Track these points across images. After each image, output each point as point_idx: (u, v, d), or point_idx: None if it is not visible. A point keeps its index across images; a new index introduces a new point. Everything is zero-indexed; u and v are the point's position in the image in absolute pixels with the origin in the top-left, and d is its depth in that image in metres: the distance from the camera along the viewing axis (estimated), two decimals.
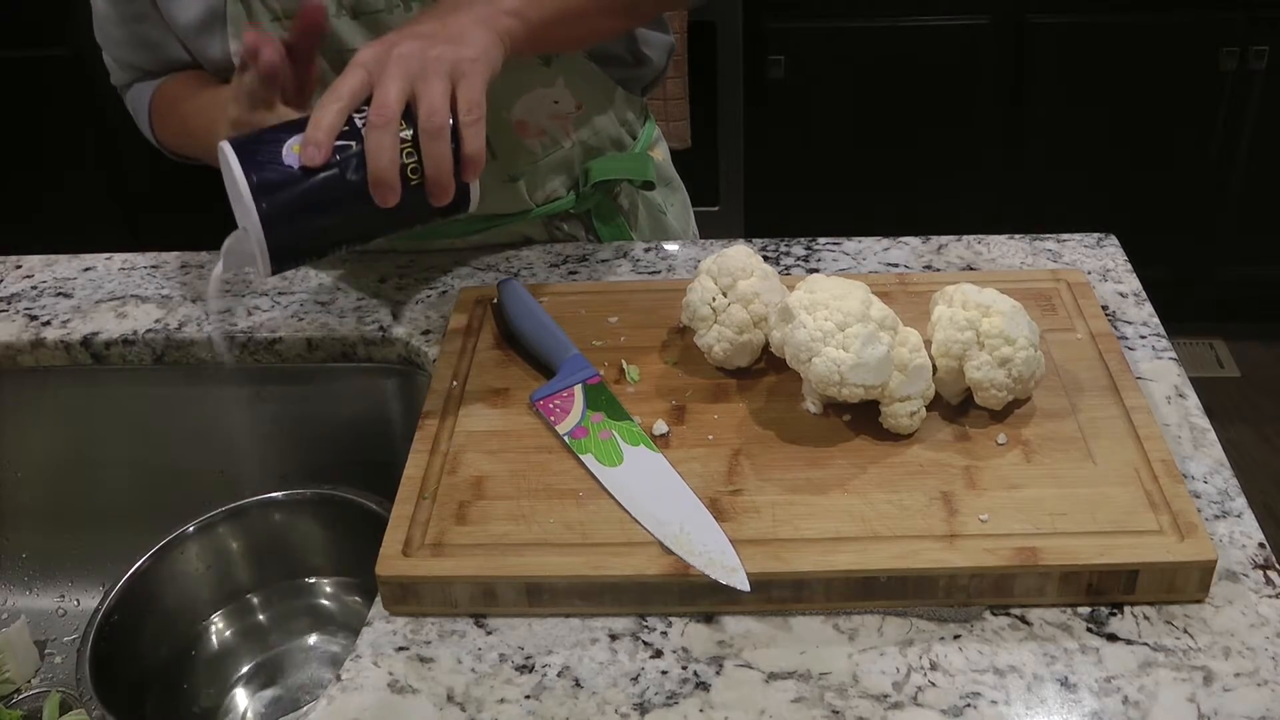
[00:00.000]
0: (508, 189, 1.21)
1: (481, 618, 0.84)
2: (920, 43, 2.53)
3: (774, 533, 0.84)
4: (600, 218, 1.29)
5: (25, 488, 1.23)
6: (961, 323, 0.92)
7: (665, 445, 0.93)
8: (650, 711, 0.77)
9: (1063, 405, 0.94)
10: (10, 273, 1.29)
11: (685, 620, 0.83)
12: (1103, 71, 2.53)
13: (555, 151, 1.21)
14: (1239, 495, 0.90)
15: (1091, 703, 0.76)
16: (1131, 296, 1.13)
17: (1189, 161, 2.64)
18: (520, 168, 1.20)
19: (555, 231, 1.28)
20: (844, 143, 2.64)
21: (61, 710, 1.08)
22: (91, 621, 1.01)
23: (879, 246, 1.22)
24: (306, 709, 0.82)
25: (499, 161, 1.18)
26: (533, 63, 1.14)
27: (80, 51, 2.63)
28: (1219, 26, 2.48)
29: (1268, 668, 0.77)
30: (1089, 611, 0.82)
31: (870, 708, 0.76)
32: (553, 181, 1.24)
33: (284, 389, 1.18)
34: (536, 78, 1.16)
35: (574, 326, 1.06)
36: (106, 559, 1.22)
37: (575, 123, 1.21)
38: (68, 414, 1.20)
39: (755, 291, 0.97)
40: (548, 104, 1.18)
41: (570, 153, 1.23)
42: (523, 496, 0.89)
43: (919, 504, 0.86)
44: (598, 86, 1.22)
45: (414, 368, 1.14)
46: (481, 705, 0.78)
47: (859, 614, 0.82)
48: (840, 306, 0.90)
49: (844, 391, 0.89)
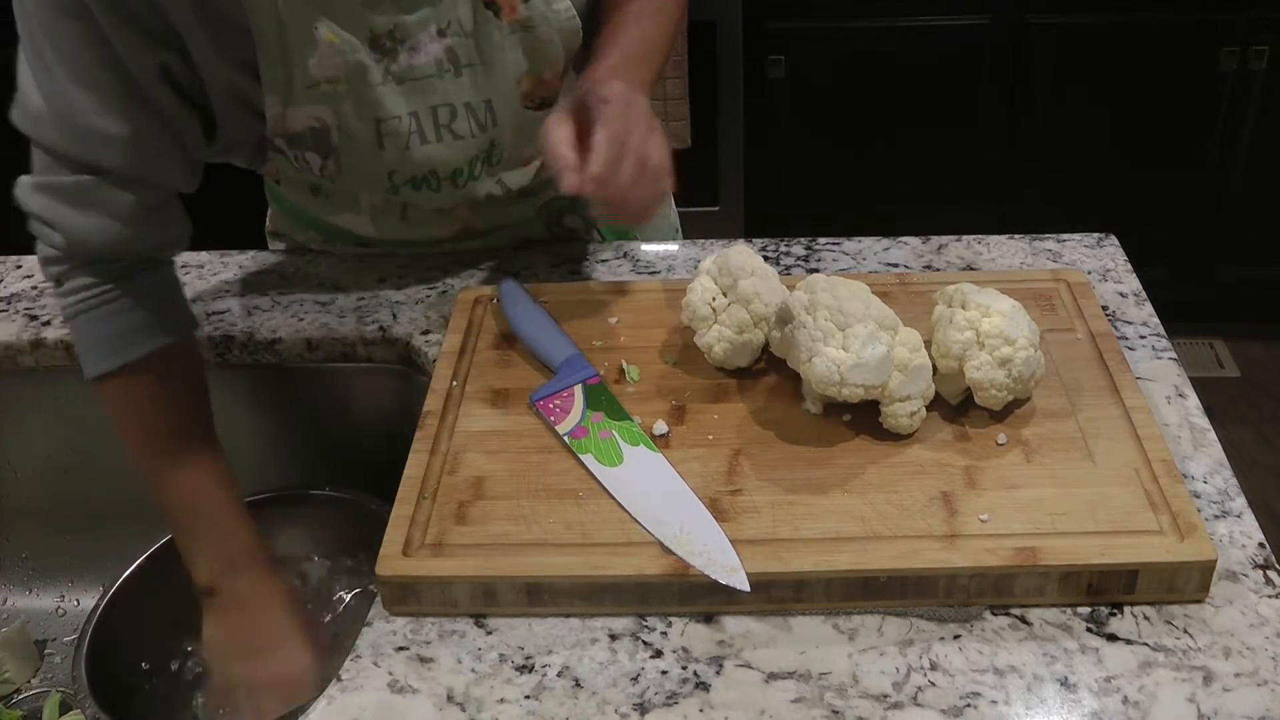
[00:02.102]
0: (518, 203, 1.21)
1: (481, 618, 0.84)
2: (920, 43, 2.53)
3: (774, 533, 0.84)
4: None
5: (25, 488, 1.23)
6: (961, 323, 0.92)
7: (665, 445, 0.93)
8: (650, 711, 0.77)
9: (1063, 405, 0.94)
10: (10, 273, 1.29)
11: (685, 620, 0.83)
12: (1103, 71, 2.53)
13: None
14: (1239, 495, 0.90)
15: (1091, 703, 0.75)
16: (1131, 296, 1.13)
17: (1189, 161, 2.64)
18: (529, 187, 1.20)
19: (555, 227, 1.28)
20: (844, 142, 2.64)
21: (61, 710, 1.08)
22: (89, 621, 1.01)
23: (879, 246, 1.22)
24: (307, 709, 0.82)
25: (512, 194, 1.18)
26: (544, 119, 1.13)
27: None
28: (1219, 26, 2.48)
29: (1268, 668, 0.77)
30: (1089, 611, 0.82)
31: (870, 708, 0.76)
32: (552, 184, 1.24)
33: (284, 389, 1.18)
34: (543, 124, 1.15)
35: (574, 326, 1.06)
36: (106, 559, 1.22)
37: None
38: (68, 414, 1.20)
39: (755, 291, 0.97)
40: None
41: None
42: (523, 496, 0.89)
43: (919, 504, 0.86)
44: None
45: (414, 368, 1.14)
46: (481, 705, 0.78)
47: (859, 614, 0.82)
48: (840, 306, 0.90)
49: (844, 391, 0.89)
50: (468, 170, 1.12)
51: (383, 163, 1.07)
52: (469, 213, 1.20)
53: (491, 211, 1.20)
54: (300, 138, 1.04)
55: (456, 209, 1.19)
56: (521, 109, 1.10)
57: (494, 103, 1.08)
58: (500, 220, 1.23)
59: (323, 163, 1.07)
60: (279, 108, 1.00)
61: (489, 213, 1.21)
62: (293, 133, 1.04)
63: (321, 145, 1.05)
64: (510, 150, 1.14)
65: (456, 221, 1.21)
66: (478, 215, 1.21)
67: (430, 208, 1.17)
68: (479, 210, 1.20)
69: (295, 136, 1.04)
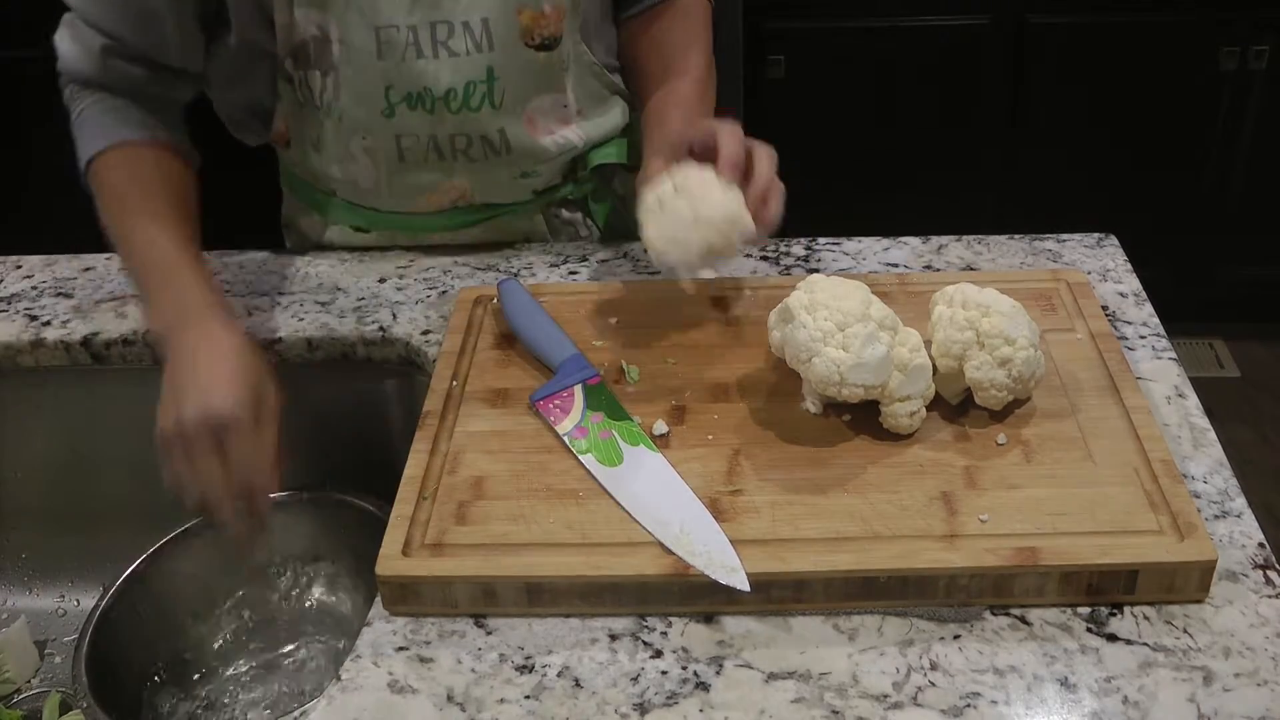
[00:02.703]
0: (516, 184, 1.22)
1: (481, 618, 0.84)
2: (920, 43, 2.53)
3: (774, 533, 0.84)
4: (596, 199, 1.29)
5: (25, 488, 1.23)
6: (961, 323, 0.92)
7: (665, 445, 0.93)
8: (650, 711, 0.77)
9: (1063, 405, 0.94)
10: (10, 273, 1.29)
11: (685, 620, 0.83)
12: (1103, 71, 2.53)
13: (566, 150, 1.22)
14: (1239, 495, 0.90)
15: (1091, 703, 0.75)
16: (1131, 296, 1.13)
17: (1189, 161, 2.64)
18: (532, 165, 1.21)
19: (553, 219, 1.28)
20: (844, 142, 2.64)
21: (61, 710, 1.08)
22: (89, 621, 1.01)
23: (879, 246, 1.22)
24: (306, 709, 0.82)
25: (512, 156, 1.19)
26: (548, 68, 1.15)
27: None
28: (1219, 26, 2.48)
29: (1268, 668, 0.77)
30: (1089, 611, 0.82)
31: (870, 708, 0.76)
32: (552, 177, 1.24)
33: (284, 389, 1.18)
34: (547, 82, 1.17)
35: (574, 326, 1.06)
36: (106, 559, 1.22)
37: (579, 123, 1.21)
38: (68, 414, 1.20)
39: (703, 191, 0.95)
40: (557, 107, 1.19)
41: (575, 150, 1.23)
42: (523, 496, 0.89)
43: (919, 504, 0.86)
44: (603, 87, 1.23)
45: (414, 368, 1.14)
46: (481, 705, 0.78)
47: (859, 614, 0.82)
48: (840, 306, 0.90)
49: (844, 391, 0.89)
50: (463, 94, 1.13)
51: (380, 75, 1.11)
52: (465, 172, 1.20)
53: (486, 176, 1.20)
54: (304, 52, 1.12)
55: (453, 165, 1.19)
56: (522, 46, 1.12)
57: (490, 23, 1.10)
58: (494, 192, 1.22)
59: (323, 82, 1.13)
60: (286, 15, 1.08)
61: (484, 176, 1.20)
62: (298, 43, 1.11)
63: (323, 60, 1.12)
64: (510, 90, 1.14)
65: (452, 190, 1.21)
66: (474, 176, 1.20)
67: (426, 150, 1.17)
68: (475, 171, 1.19)
69: (299, 50, 1.12)
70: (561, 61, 1.16)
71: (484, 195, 1.23)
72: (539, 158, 1.20)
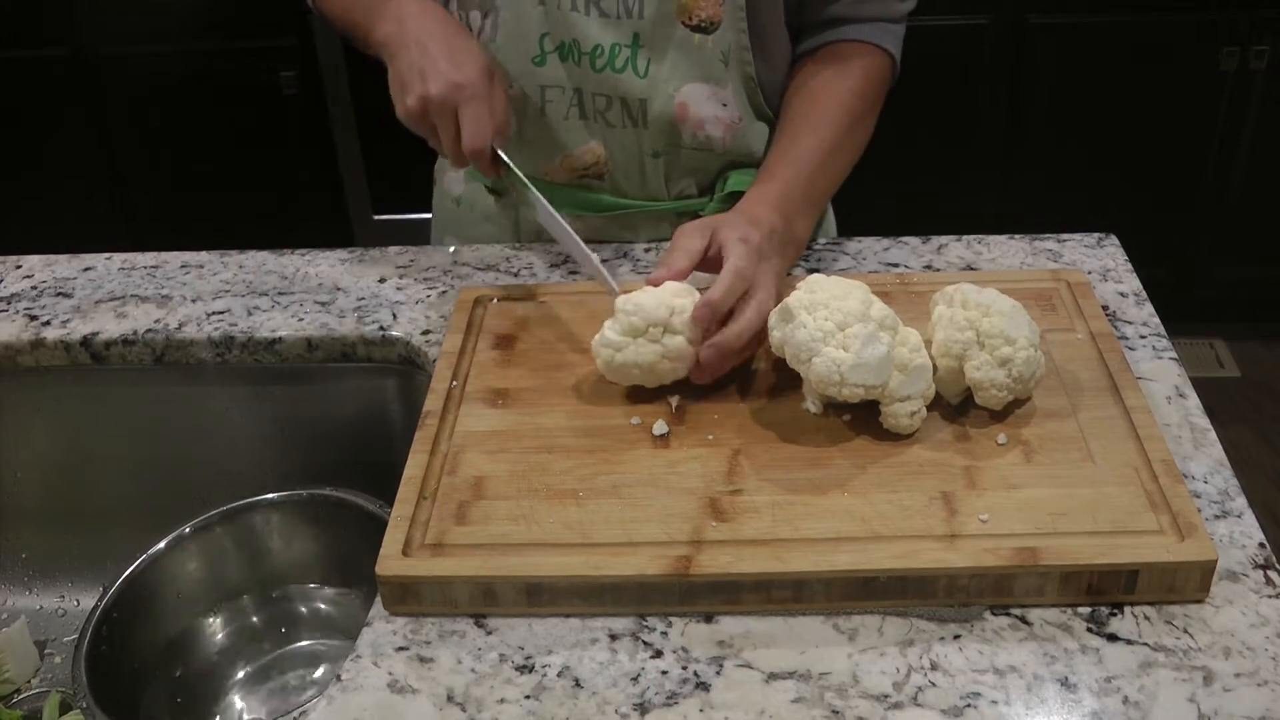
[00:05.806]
0: (648, 163, 1.21)
1: (481, 618, 0.84)
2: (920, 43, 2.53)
3: (774, 533, 0.84)
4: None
5: (25, 488, 1.23)
6: (961, 323, 0.92)
7: (665, 445, 0.93)
8: (650, 711, 0.77)
9: (1063, 405, 0.94)
10: (10, 273, 1.29)
11: (685, 620, 0.83)
12: (1103, 72, 2.53)
13: (704, 151, 1.21)
14: (1239, 495, 0.90)
15: (1091, 703, 0.75)
16: (1131, 296, 1.13)
17: (1189, 161, 2.64)
18: (662, 146, 1.20)
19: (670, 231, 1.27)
20: None
21: (61, 710, 1.08)
22: (88, 622, 1.01)
23: (879, 246, 1.22)
24: (306, 709, 0.82)
25: (649, 131, 1.19)
26: (703, 52, 1.15)
27: (81, 51, 2.63)
28: (1219, 26, 2.48)
29: (1268, 668, 0.77)
30: (1089, 611, 0.82)
31: (870, 708, 0.76)
32: (686, 179, 1.23)
33: (284, 389, 1.18)
34: (703, 70, 1.16)
35: (574, 326, 1.06)
36: (106, 559, 1.22)
37: (734, 132, 1.20)
38: (68, 414, 1.20)
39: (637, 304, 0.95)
40: (715, 104, 1.18)
41: (715, 158, 1.22)
42: (523, 496, 0.89)
43: (919, 504, 0.86)
44: (756, 106, 1.22)
45: (414, 368, 1.14)
46: (481, 705, 0.78)
47: (859, 614, 0.82)
48: (840, 306, 0.90)
49: (844, 391, 0.89)
50: (609, 54, 1.14)
51: (539, 21, 1.15)
52: (600, 136, 1.19)
53: (619, 144, 1.19)
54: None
55: (592, 126, 1.19)
56: (677, 22, 1.13)
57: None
58: (626, 166, 1.21)
59: (483, 21, 1.17)
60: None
61: (618, 144, 1.19)
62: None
63: (485, 1, 1.16)
64: (658, 63, 1.15)
65: (587, 154, 1.21)
66: (609, 141, 1.19)
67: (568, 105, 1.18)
68: (612, 137, 1.19)
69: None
70: (721, 54, 1.15)
71: (616, 167, 1.21)
72: (675, 140, 1.19)
